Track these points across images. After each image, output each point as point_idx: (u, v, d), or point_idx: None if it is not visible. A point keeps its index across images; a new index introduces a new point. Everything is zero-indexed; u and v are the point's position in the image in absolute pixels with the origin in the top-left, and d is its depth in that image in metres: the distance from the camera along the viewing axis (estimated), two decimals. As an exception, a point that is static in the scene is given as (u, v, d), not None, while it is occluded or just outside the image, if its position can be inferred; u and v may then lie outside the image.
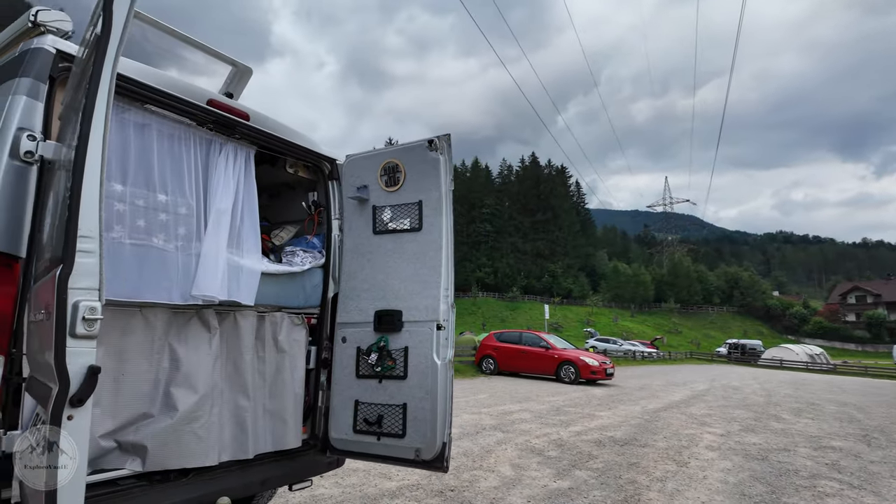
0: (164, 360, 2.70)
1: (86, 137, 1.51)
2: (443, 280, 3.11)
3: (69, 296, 1.45)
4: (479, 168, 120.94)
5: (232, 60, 3.76)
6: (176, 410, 2.65)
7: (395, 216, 3.32)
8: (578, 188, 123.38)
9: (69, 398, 1.41)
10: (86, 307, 1.46)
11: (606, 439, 7.16)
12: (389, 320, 3.19)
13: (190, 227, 2.82)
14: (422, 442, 2.95)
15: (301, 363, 3.38)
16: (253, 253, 3.11)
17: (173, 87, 2.76)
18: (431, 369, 3.01)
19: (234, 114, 3.05)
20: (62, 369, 1.41)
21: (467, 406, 9.69)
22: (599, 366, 15.36)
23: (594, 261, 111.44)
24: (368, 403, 3.17)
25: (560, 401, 11.16)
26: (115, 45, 1.60)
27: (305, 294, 3.46)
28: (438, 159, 3.18)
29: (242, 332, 3.06)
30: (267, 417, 3.18)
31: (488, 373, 16.93)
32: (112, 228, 2.49)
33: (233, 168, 3.15)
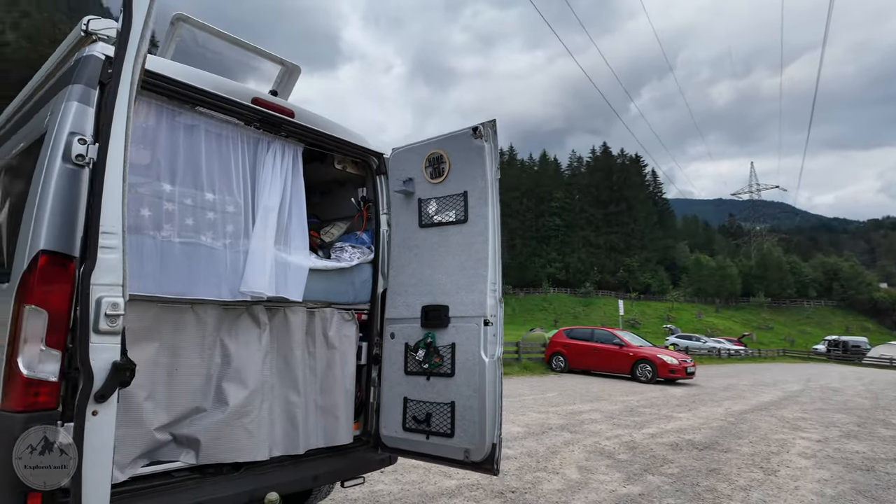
0: (216, 355, 2.75)
1: (106, 134, 1.52)
2: (490, 273, 2.97)
3: (92, 292, 1.46)
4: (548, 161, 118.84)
5: (280, 60, 3.80)
6: (227, 405, 2.69)
7: (441, 208, 3.22)
8: (655, 177, 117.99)
9: (93, 394, 1.42)
10: (108, 303, 1.47)
11: (684, 443, 6.70)
12: (436, 316, 3.10)
13: (238, 224, 2.86)
14: (470, 442, 2.84)
15: (351, 359, 3.37)
16: (300, 249, 3.12)
17: (219, 87, 2.80)
18: (479, 367, 2.88)
19: (279, 111, 3.06)
20: (86, 365, 1.42)
21: (535, 404, 9.45)
22: (679, 364, 14.52)
23: (674, 253, 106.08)
24: (417, 401, 3.09)
25: (634, 401, 10.64)
26: (136, 43, 1.60)
27: (355, 290, 3.43)
28: (483, 147, 3.04)
29: (292, 328, 3.07)
30: (318, 413, 3.18)
31: (558, 370, 16.49)
32: (161, 227, 2.55)
33: (280, 166, 3.16)
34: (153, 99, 2.64)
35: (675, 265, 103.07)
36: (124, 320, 1.50)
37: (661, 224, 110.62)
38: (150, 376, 2.50)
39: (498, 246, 3.04)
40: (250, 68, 3.83)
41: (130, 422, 2.40)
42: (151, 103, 2.65)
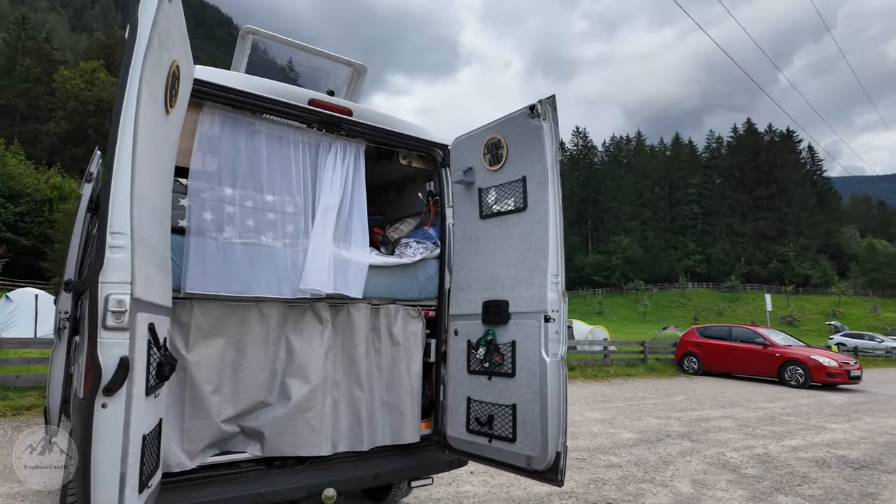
0: (280, 351, 2.84)
1: (114, 137, 1.59)
2: (550, 264, 2.71)
3: (101, 290, 1.53)
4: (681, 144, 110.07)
5: (347, 61, 3.87)
6: (290, 400, 2.77)
7: (500, 197, 3.03)
8: (812, 154, 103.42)
9: (102, 387, 1.49)
10: (115, 300, 1.53)
11: (835, 459, 5.69)
12: (496, 311, 2.91)
13: (298, 224, 2.93)
14: (532, 449, 2.61)
15: (418, 356, 3.31)
16: (361, 247, 3.12)
17: (275, 92, 2.89)
18: (540, 367, 2.64)
19: (336, 111, 3.09)
20: (94, 359, 1.50)
21: (655, 409, 8.70)
22: (839, 367, 12.45)
23: (839, 239, 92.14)
24: (479, 401, 2.93)
25: (778, 408, 9.33)
26: (143, 47, 1.66)
27: (419, 286, 3.37)
28: (541, 127, 2.79)
29: (356, 325, 3.08)
30: (385, 410, 3.17)
31: (690, 372, 15.06)
32: (223, 230, 2.69)
33: (341, 165, 3.20)
34: (216, 109, 2.80)
35: (842, 253, 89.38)
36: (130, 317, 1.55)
37: (822, 206, 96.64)
38: (217, 371, 2.64)
39: (560, 234, 2.77)
40: (321, 73, 3.95)
41: (198, 413, 2.56)
42: (215, 113, 2.81)
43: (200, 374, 2.59)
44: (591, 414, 7.90)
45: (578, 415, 7.78)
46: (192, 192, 2.65)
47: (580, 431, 6.60)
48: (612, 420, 7.46)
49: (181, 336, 2.55)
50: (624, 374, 13.56)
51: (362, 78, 3.91)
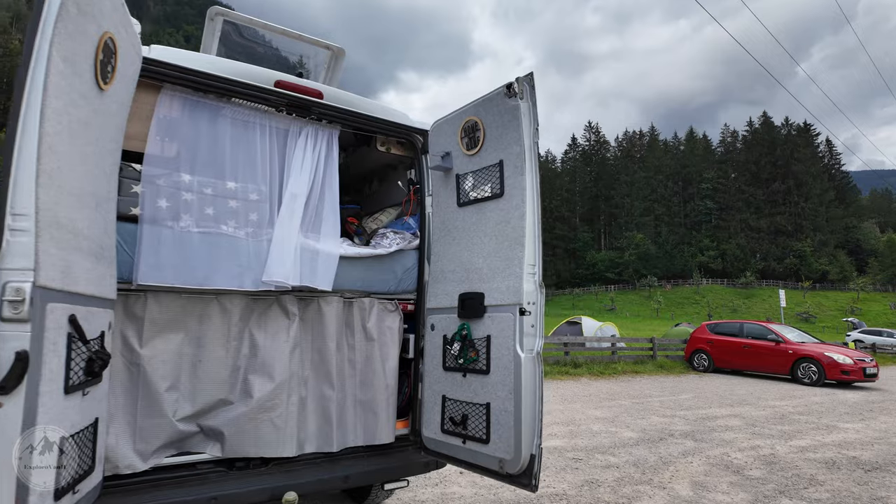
0: (243, 346, 2.69)
1: (16, 112, 1.45)
2: (527, 254, 2.53)
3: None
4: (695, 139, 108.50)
5: (325, 44, 3.71)
6: (252, 398, 2.62)
7: (477, 183, 2.85)
8: (830, 148, 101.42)
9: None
10: (12, 288, 1.39)
11: (845, 460, 5.43)
12: (472, 305, 2.74)
13: (262, 212, 2.78)
14: (506, 452, 2.44)
15: (394, 352, 3.14)
16: (331, 237, 2.96)
17: (238, 73, 2.74)
18: (514, 364, 2.46)
19: (305, 93, 2.93)
20: None
21: (660, 407, 8.46)
22: (854, 364, 12.07)
23: (858, 234, 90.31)
24: (454, 400, 2.77)
25: (789, 406, 9.04)
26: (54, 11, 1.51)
27: (396, 278, 3.21)
28: (518, 107, 2.60)
29: (326, 319, 2.93)
30: (357, 409, 3.01)
31: (700, 370, 14.74)
32: (180, 218, 2.55)
33: (312, 150, 3.05)
34: (175, 91, 2.66)
35: (861, 248, 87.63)
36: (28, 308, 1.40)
37: (841, 201, 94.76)
38: (174, 367, 2.50)
39: (537, 221, 2.59)
40: (298, 56, 3.80)
41: (152, 412, 2.42)
42: (174, 96, 2.67)
43: (155, 371, 2.45)
44: (594, 412, 7.70)
45: (580, 413, 7.58)
46: (146, 179, 2.51)
47: (580, 430, 6.41)
48: (615, 418, 7.25)
49: (134, 330, 2.42)
50: (632, 372, 13.30)
51: (341, 61, 3.75)
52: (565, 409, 7.88)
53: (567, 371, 12.24)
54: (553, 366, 12.48)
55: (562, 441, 5.81)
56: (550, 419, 7.02)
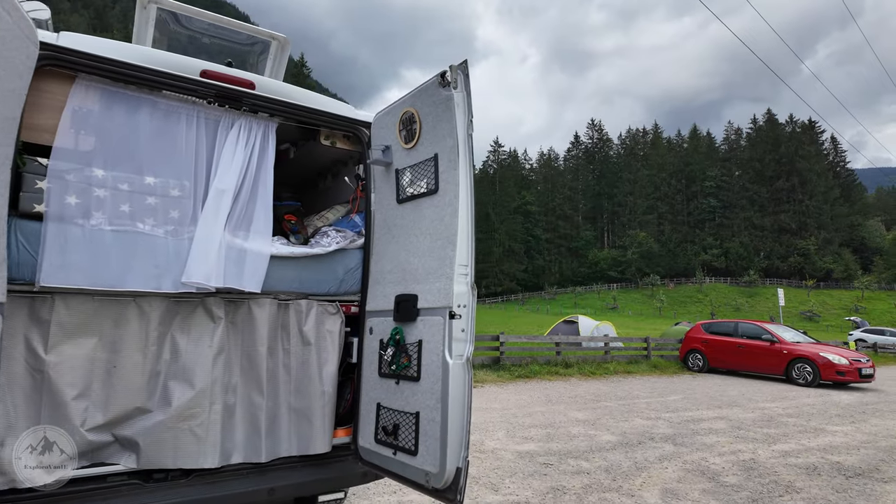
0: (164, 352, 2.54)
1: None
2: (459, 253, 2.38)
3: None
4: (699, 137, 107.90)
5: (269, 34, 3.57)
6: (170, 406, 2.48)
7: (414, 178, 2.70)
8: (835, 145, 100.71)
9: None
10: None
11: (827, 465, 5.25)
12: (406, 308, 2.59)
13: (184, 209, 2.63)
14: (432, 464, 2.29)
15: (333, 357, 2.99)
16: (262, 235, 2.80)
17: (160, 62, 2.59)
18: (443, 370, 2.31)
19: (234, 83, 2.78)
20: None
21: (646, 409, 8.29)
22: (849, 364, 11.84)
23: (863, 232, 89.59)
24: (388, 408, 2.62)
25: (779, 408, 8.84)
26: None
27: (338, 279, 3.05)
28: (452, 97, 2.45)
29: (257, 323, 2.77)
30: (292, 417, 2.86)
31: (695, 370, 14.53)
32: (91, 215, 2.40)
33: (245, 144, 2.89)
34: (91, 82, 2.51)
35: (865, 246, 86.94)
36: None
37: (846, 198, 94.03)
38: (84, 374, 2.35)
39: (470, 218, 2.43)
40: (241, 47, 3.65)
41: (58, 421, 2.27)
42: (90, 86, 2.51)
43: (61, 378, 2.30)
44: (575, 414, 7.53)
45: (562, 415, 7.41)
46: (52, 174, 2.35)
47: (557, 433, 6.25)
48: (596, 421, 7.08)
49: (39, 335, 2.27)
50: (624, 372, 13.12)
51: (286, 52, 3.60)
52: (547, 410, 7.72)
53: (557, 371, 12.07)
54: (543, 366, 12.31)
55: (536, 445, 5.65)
56: (529, 421, 6.86)
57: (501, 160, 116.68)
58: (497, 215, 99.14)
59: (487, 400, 8.44)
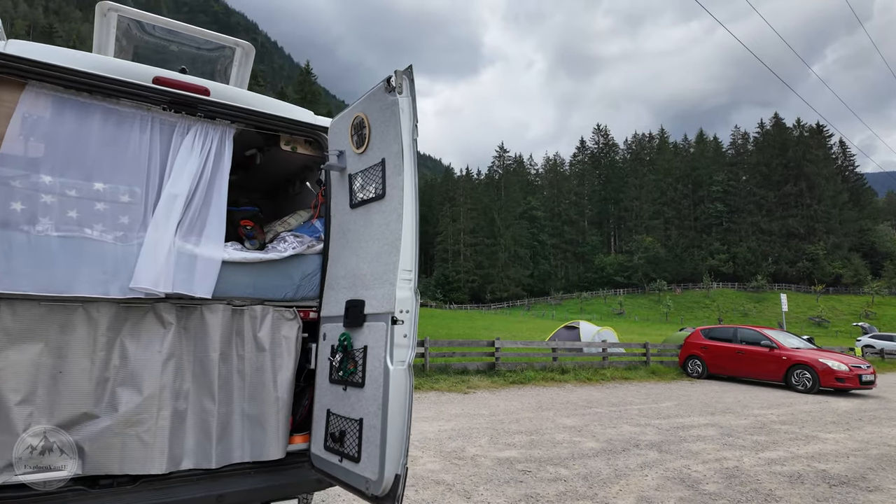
0: (113, 357, 2.54)
1: None
2: (403, 258, 2.36)
3: None
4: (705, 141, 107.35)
5: (233, 41, 3.59)
6: (117, 411, 2.48)
7: (365, 183, 2.69)
8: (844, 149, 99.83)
9: None
10: None
11: (812, 473, 5.16)
12: (354, 313, 2.58)
13: (135, 215, 2.64)
14: (372, 472, 2.27)
15: (289, 363, 2.97)
16: (214, 240, 2.80)
17: (112, 69, 2.62)
18: (384, 376, 2.29)
19: (188, 89, 2.80)
20: None
21: (637, 416, 8.20)
22: (849, 371, 11.68)
23: (873, 237, 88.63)
24: (336, 415, 2.60)
25: (773, 415, 8.72)
26: None
27: (294, 284, 3.04)
28: (397, 102, 2.44)
29: (210, 329, 2.77)
30: (245, 423, 2.84)
31: (694, 376, 14.39)
32: (37, 221, 2.41)
33: (200, 150, 2.90)
34: (42, 89, 2.53)
35: (876, 251, 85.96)
36: None
37: (855, 203, 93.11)
38: (28, 379, 2.35)
39: (415, 224, 2.42)
40: (206, 54, 3.66)
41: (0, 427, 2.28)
42: (40, 93, 2.53)
43: (5, 383, 2.30)
44: (564, 420, 7.46)
45: (549, 421, 7.35)
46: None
47: (542, 440, 6.19)
48: (583, 428, 7.02)
49: (-18, 340, 2.28)
50: (621, 378, 13.01)
51: (251, 59, 3.61)
52: (535, 417, 7.66)
53: (553, 377, 11.99)
54: (539, 371, 12.23)
55: (517, 452, 5.60)
56: (515, 428, 6.80)
57: (507, 165, 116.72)
58: (502, 220, 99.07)
59: (477, 406, 8.39)
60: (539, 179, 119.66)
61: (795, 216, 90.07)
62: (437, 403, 8.47)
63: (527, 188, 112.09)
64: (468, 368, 11.83)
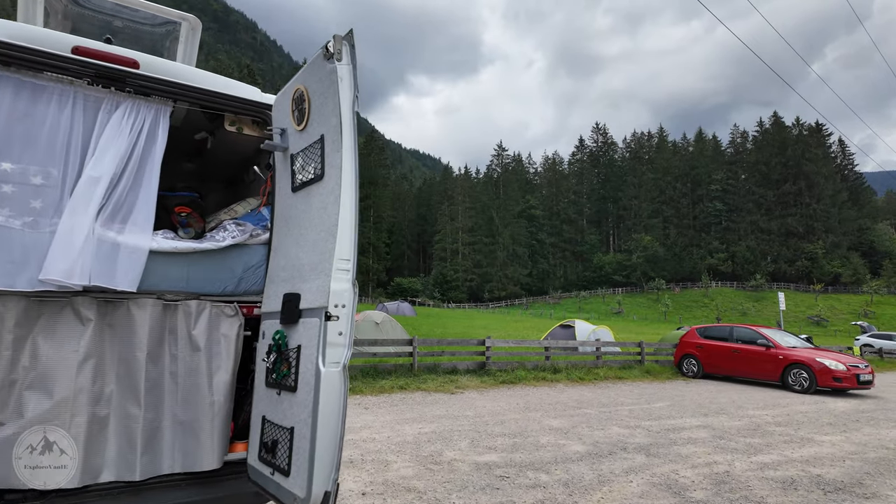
0: (22, 357, 2.28)
1: None
2: (339, 246, 2.10)
3: None
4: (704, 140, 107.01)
5: (179, 14, 3.31)
6: (22, 417, 2.21)
7: (305, 163, 2.43)
8: (843, 148, 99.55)
9: None
10: None
11: (807, 479, 4.90)
12: (289, 308, 2.32)
13: (49, 199, 2.37)
14: (300, 487, 2.00)
15: (228, 364, 2.71)
16: (141, 228, 2.54)
17: (23, 37, 2.35)
18: (315, 379, 2.02)
19: (113, 61, 2.53)
20: None
21: (627, 417, 7.94)
22: (847, 370, 11.42)
23: (872, 236, 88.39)
24: (270, 422, 2.34)
25: (768, 416, 8.47)
26: None
27: (236, 277, 2.78)
28: (335, 70, 2.17)
29: (136, 326, 2.51)
30: (177, 431, 2.58)
31: (690, 375, 14.13)
32: (-70, 206, 2.16)
33: (129, 129, 2.63)
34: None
35: (875, 250, 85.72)
36: None
37: (854, 202, 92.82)
38: (-82, 381, 2.11)
39: (354, 208, 2.15)
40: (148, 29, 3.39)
41: None
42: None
43: None
44: (551, 422, 7.20)
45: (536, 423, 7.09)
46: None
47: (525, 443, 5.93)
48: (570, 430, 6.75)
49: None
50: (615, 378, 12.75)
51: (198, 34, 3.35)
52: (522, 418, 7.40)
53: (544, 377, 11.73)
54: (531, 371, 11.97)
55: (498, 455, 5.34)
56: (499, 430, 6.54)
57: (506, 164, 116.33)
58: (501, 219, 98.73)
59: (462, 407, 8.13)
60: (538, 178, 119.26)
61: (794, 215, 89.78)
62: (421, 404, 8.21)
63: (525, 187, 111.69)
64: (458, 368, 11.56)
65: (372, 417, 7.03)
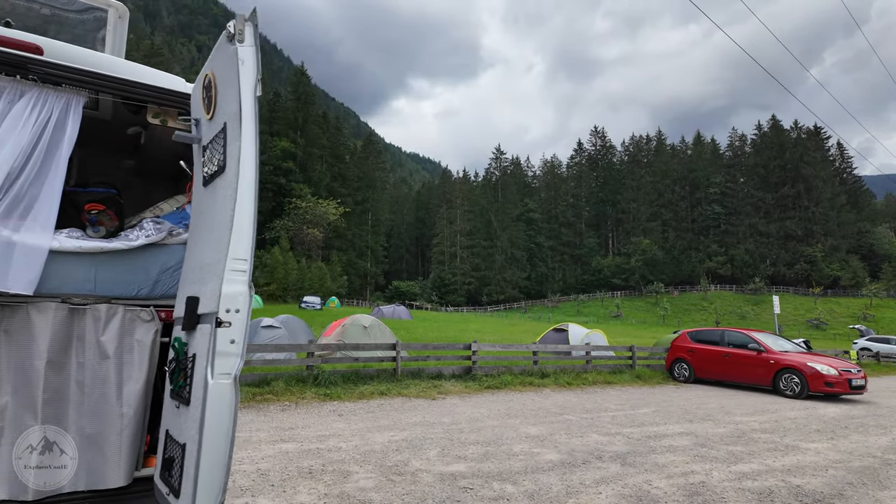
0: None
1: None
2: (234, 244, 1.91)
3: None
4: (703, 143, 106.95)
5: (106, 2, 3.13)
6: None
7: (212, 154, 2.24)
8: (841, 151, 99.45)
9: None
10: None
11: (785, 490, 4.70)
12: (189, 312, 2.12)
13: (-65, 195, 2.19)
14: (185, 511, 1.80)
15: (141, 373, 2.52)
16: (42, 226, 2.35)
17: None
18: (203, 392, 1.83)
19: (10, 46, 2.35)
20: None
21: (609, 423, 7.73)
22: (839, 375, 11.21)
23: (871, 239, 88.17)
24: (170, 437, 2.14)
25: (755, 423, 8.26)
26: None
27: (151, 280, 2.59)
28: (236, 52, 1.99)
29: (36, 331, 2.32)
30: (82, 445, 2.39)
31: (681, 380, 13.91)
32: None
33: (34, 121, 2.44)
34: None
35: (874, 253, 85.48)
36: None
37: (853, 205, 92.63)
38: None
39: (252, 203, 1.96)
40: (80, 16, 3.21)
41: None
42: None
43: None
44: (529, 429, 6.99)
45: (512, 430, 6.88)
46: None
47: (497, 452, 5.72)
48: (547, 437, 6.55)
49: None
50: (604, 382, 12.54)
51: (125, 22, 3.17)
52: (500, 425, 7.19)
53: (531, 382, 11.52)
54: (518, 376, 11.76)
55: (466, 465, 5.13)
56: (473, 438, 6.34)
57: (504, 167, 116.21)
58: (499, 223, 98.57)
59: (440, 413, 7.92)
60: (536, 182, 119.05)
61: (793, 218, 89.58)
62: (398, 411, 8.00)
63: (524, 190, 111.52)
64: (443, 373, 11.35)
65: (343, 425, 6.82)
